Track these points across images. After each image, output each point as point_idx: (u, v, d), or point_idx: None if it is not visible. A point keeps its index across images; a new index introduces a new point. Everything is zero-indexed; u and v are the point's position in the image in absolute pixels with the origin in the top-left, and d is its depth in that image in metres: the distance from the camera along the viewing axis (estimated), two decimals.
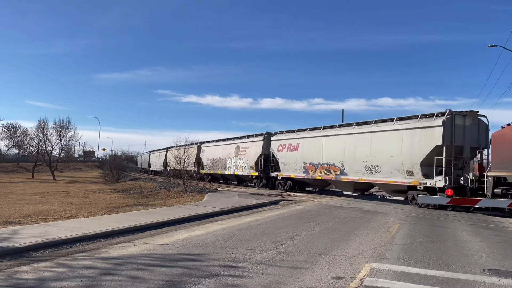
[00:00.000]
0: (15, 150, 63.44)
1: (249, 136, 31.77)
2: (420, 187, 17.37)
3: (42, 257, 6.61)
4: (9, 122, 59.57)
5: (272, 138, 27.94)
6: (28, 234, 8.06)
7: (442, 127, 16.51)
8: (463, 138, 16.88)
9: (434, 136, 16.79)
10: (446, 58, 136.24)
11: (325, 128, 23.78)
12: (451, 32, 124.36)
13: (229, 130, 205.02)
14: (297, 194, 23.81)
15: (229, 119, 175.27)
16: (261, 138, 29.20)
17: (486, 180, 15.64)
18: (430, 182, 16.75)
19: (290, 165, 25.57)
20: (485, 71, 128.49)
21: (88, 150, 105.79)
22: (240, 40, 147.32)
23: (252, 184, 30.44)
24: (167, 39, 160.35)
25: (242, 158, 31.16)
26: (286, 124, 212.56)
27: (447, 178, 16.15)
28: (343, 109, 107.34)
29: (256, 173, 28.97)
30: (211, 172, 36.00)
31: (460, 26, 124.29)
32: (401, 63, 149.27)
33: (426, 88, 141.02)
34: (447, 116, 16.79)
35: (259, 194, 21.40)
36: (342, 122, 23.92)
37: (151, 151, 68.53)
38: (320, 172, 22.98)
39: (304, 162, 24.33)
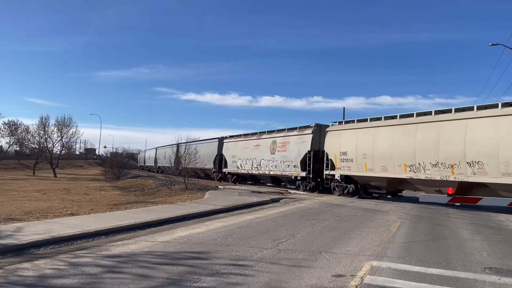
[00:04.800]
0: (16, 148, 63.45)
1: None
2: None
3: (43, 254, 6.63)
4: (10, 120, 59.55)
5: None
6: (29, 231, 8.08)
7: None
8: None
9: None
10: (446, 56, 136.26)
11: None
12: (451, 30, 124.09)
13: (229, 128, 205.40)
14: (298, 192, 23.89)
15: (228, 117, 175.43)
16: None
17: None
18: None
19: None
20: (486, 70, 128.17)
21: (89, 147, 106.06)
22: (239, 38, 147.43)
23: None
24: (166, 37, 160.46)
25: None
26: (286, 122, 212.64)
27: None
28: (344, 108, 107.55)
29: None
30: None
31: (461, 25, 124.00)
32: (401, 61, 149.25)
33: (426, 86, 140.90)
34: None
35: (260, 192, 21.43)
36: (343, 119, 25.39)
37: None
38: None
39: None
